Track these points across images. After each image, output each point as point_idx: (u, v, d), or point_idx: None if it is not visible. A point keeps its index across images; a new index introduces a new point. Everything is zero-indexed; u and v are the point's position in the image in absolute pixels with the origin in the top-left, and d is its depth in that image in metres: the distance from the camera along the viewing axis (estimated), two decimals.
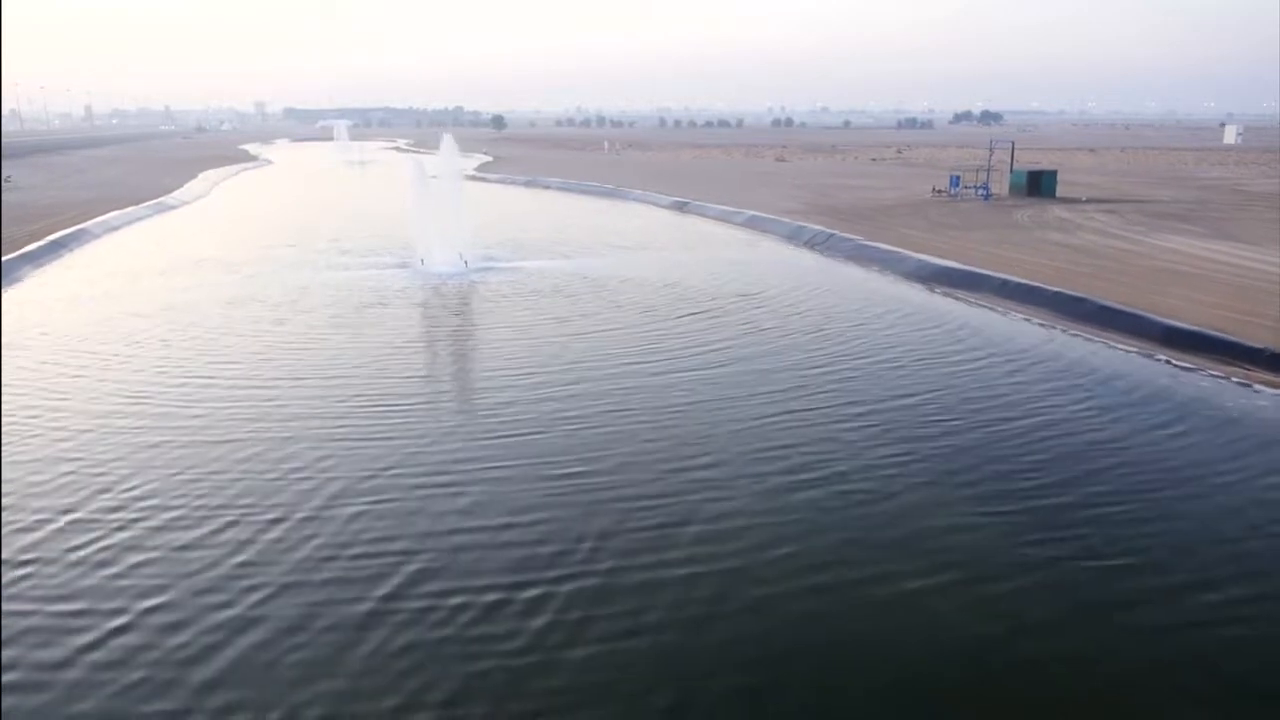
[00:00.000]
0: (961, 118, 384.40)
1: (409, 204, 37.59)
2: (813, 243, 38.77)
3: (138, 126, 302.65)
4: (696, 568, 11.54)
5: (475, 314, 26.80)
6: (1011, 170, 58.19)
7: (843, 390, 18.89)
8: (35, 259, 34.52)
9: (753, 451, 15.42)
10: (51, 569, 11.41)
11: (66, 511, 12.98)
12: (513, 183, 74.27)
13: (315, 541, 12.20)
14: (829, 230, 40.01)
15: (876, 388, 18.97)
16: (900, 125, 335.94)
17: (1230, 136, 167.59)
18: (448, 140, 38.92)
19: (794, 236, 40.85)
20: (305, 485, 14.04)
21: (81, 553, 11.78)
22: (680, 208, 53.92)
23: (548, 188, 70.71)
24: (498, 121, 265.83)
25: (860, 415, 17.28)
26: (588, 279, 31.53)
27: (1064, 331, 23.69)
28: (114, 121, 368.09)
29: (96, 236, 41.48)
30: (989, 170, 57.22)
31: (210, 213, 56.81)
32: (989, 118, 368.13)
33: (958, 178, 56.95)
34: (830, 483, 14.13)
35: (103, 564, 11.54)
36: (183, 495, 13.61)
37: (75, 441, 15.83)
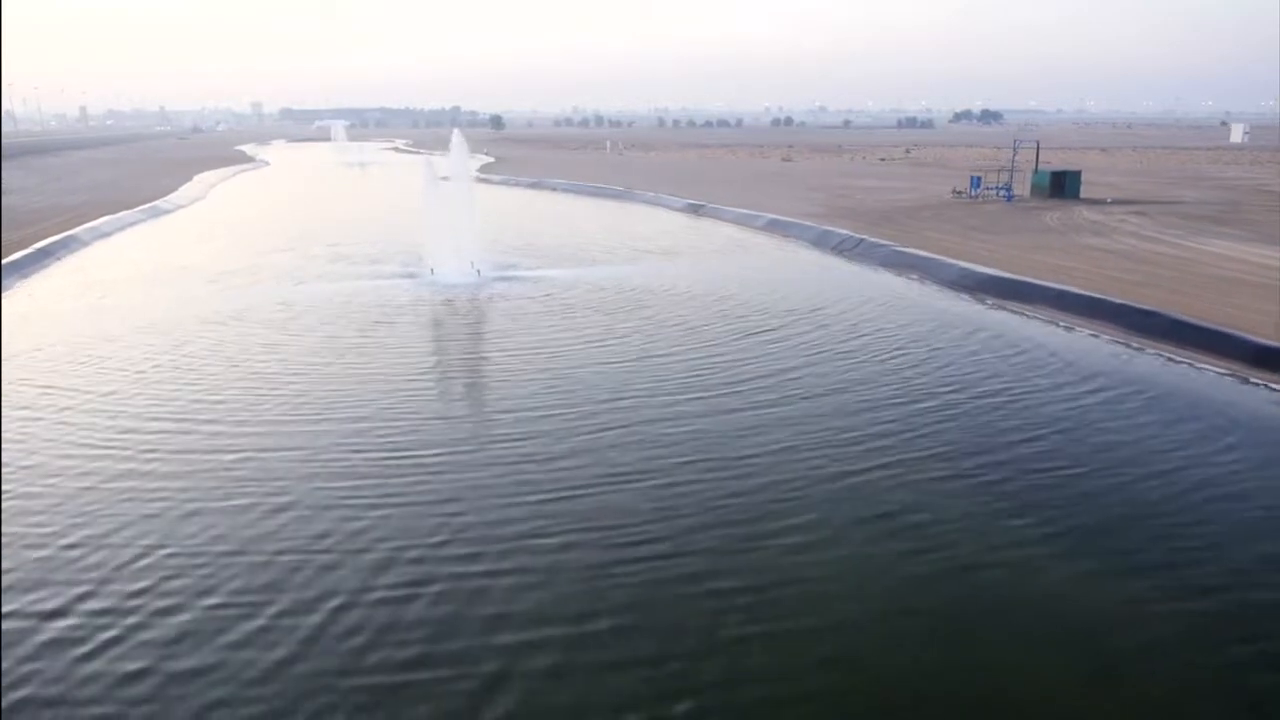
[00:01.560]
0: (961, 117, 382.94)
1: (419, 208, 35.68)
2: (842, 248, 36.90)
3: (133, 127, 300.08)
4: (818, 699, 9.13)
5: (497, 335, 24.12)
6: (1035, 170, 56.32)
7: (942, 434, 16.25)
8: (21, 268, 32.60)
9: (853, 521, 12.78)
10: None
11: None
12: (518, 184, 72.31)
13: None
14: (858, 235, 38.17)
15: (980, 431, 16.35)
16: (900, 125, 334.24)
17: (1237, 135, 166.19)
18: (458, 140, 36.76)
19: (820, 241, 38.96)
20: (300, 577, 11.20)
21: None
22: (695, 210, 52.04)
23: (555, 190, 68.77)
24: (496, 122, 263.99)
25: (974, 470, 14.60)
26: (617, 291, 29.29)
27: (1152, 353, 21.47)
28: (109, 122, 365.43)
29: (86, 243, 39.55)
30: (1012, 171, 55.47)
31: (206, 217, 54.83)
32: (989, 117, 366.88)
33: (978, 179, 55.18)
34: (954, 561, 11.68)
35: None
36: (129, 592, 10.88)
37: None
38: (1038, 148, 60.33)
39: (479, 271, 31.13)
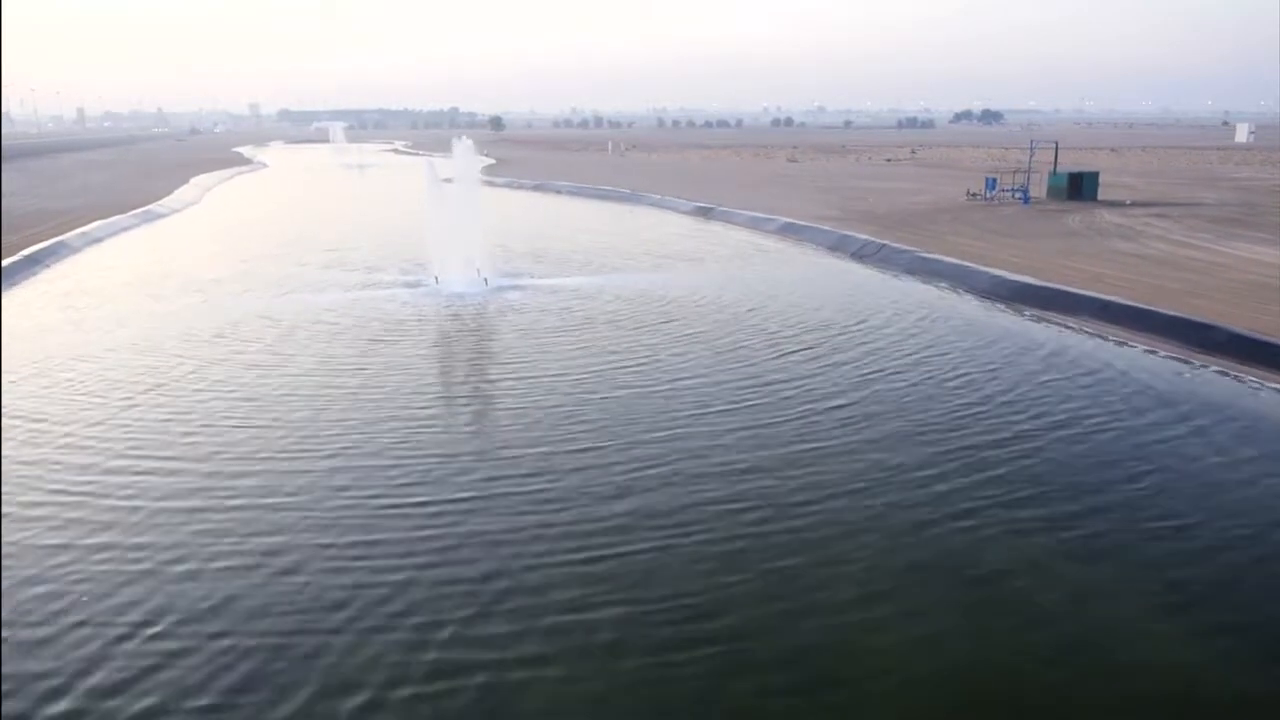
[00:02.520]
0: (962, 117, 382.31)
1: (422, 212, 34.12)
2: (862, 254, 35.43)
3: (130, 129, 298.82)
4: None
5: (511, 355, 22.01)
6: (1054, 172, 54.94)
7: (1026, 473, 14.25)
8: (7, 276, 31.16)
9: (941, 589, 10.96)
10: None
11: None
12: (521, 187, 70.73)
13: None
14: (878, 240, 36.73)
15: (1069, 469, 14.40)
16: (901, 125, 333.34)
17: (1242, 135, 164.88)
18: (465, 144, 35.09)
19: (839, 247, 37.46)
20: (314, 666, 9.47)
21: None
22: (704, 214, 50.55)
23: (559, 192, 67.20)
24: (495, 123, 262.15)
25: (1072, 519, 12.61)
26: (636, 301, 27.59)
27: (1215, 370, 19.86)
28: (106, 124, 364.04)
29: (76, 250, 38.06)
30: (1029, 172, 54.12)
31: (200, 222, 53.38)
32: (989, 117, 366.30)
33: (994, 180, 53.84)
34: (1078, 644, 9.80)
35: None
36: (105, 688, 9.18)
37: None
38: (1056, 149, 58.93)
39: (486, 280, 29.49)
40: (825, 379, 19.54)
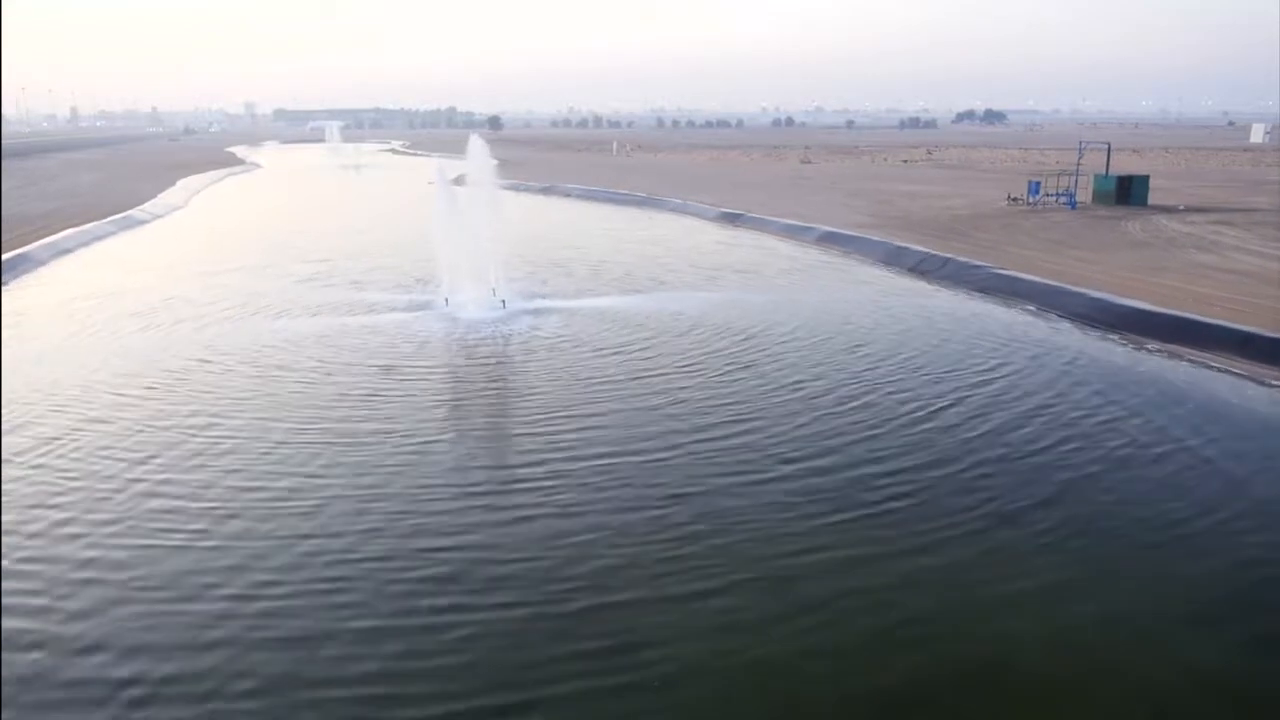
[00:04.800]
0: (964, 117, 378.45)
1: (425, 219, 30.03)
2: (923, 270, 31.59)
3: (124, 129, 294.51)
4: None
5: (548, 410, 17.18)
6: (1105, 174, 51.31)
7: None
8: None
9: None
10: None
11: None
12: (528, 189, 66.57)
13: None
14: (939, 253, 32.91)
15: None
16: (903, 125, 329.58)
17: (1257, 135, 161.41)
18: (476, 143, 30.66)
19: (894, 260, 33.51)
20: None
21: None
22: (732, 220, 46.65)
23: (569, 195, 63.11)
24: (494, 122, 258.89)
25: None
26: (695, 332, 22.95)
27: None
28: (100, 124, 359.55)
29: (41, 263, 34.22)
30: (1076, 175, 50.52)
31: (183, 229, 49.42)
32: (992, 117, 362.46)
33: (1037, 184, 50.26)
34: None
35: None
36: None
37: None
38: (1109, 150, 55.27)
39: (504, 302, 25.49)
40: (989, 474, 14.25)
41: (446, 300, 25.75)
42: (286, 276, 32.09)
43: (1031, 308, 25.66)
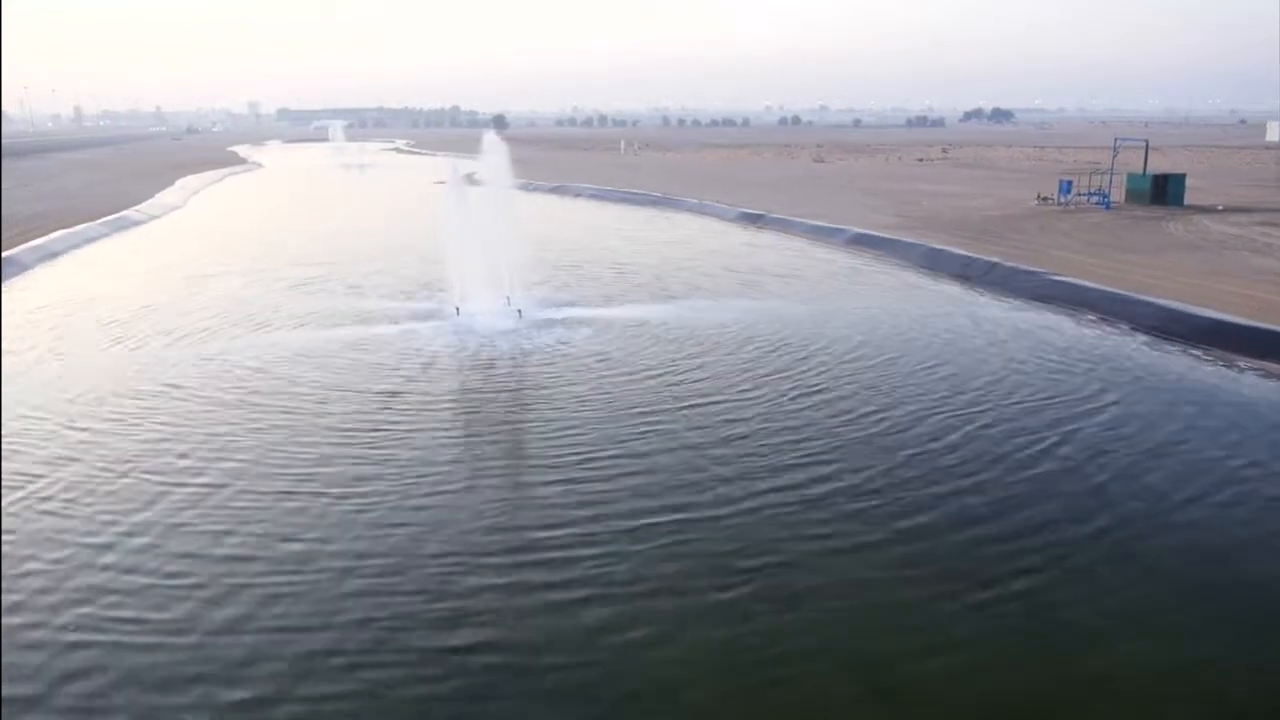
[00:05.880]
0: (972, 115, 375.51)
1: (440, 223, 27.56)
2: (968, 275, 29.41)
3: (127, 128, 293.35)
4: None
5: (579, 446, 14.90)
6: (1143, 173, 49.18)
7: None
8: None
9: None
10: None
11: None
12: (537, 189, 64.32)
13: None
14: (984, 257, 30.73)
15: None
16: (910, 124, 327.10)
17: (1274, 134, 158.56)
18: (492, 140, 28.24)
19: (933, 265, 31.33)
20: None
21: None
22: (754, 221, 44.57)
23: (580, 195, 60.99)
24: (498, 121, 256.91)
25: None
26: (742, 348, 20.55)
27: None
28: (103, 123, 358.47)
29: (26, 267, 32.32)
30: (1111, 175, 48.43)
31: (178, 231, 47.42)
32: (1000, 115, 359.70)
33: (1069, 183, 48.16)
34: None
35: None
36: None
37: None
38: (1147, 148, 53.11)
39: (520, 312, 23.38)
40: (1169, 527, 12.00)
41: (458, 309, 23.69)
42: (280, 281, 30.12)
43: (1093, 317, 23.55)
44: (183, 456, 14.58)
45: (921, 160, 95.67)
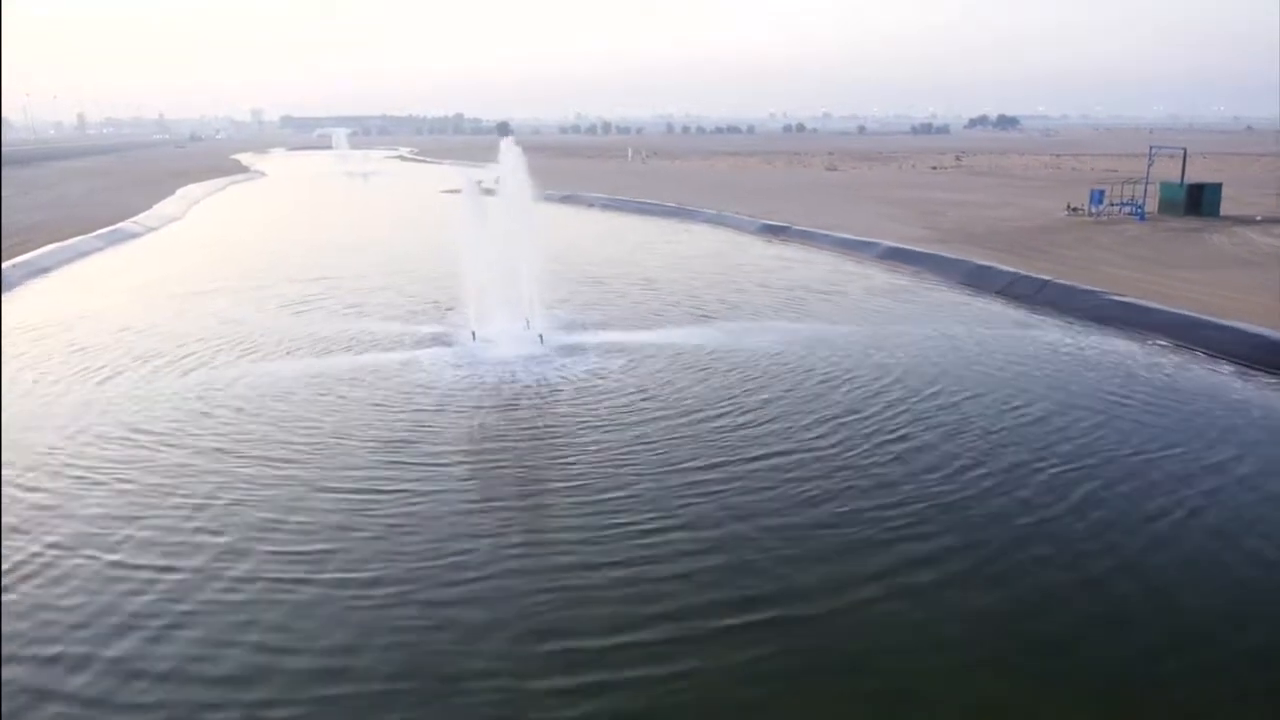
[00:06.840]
0: (976, 123, 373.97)
1: (455, 238, 25.61)
2: (1014, 293, 27.56)
3: (130, 136, 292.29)
4: None
5: (620, 523, 12.41)
6: (1180, 182, 47.39)
7: None
8: None
9: None
10: None
11: None
12: (548, 199, 62.41)
13: None
14: (1034, 274, 28.78)
15: None
16: (915, 131, 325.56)
17: None
18: (508, 146, 26.11)
19: (978, 282, 29.29)
20: None
21: None
22: (777, 233, 42.70)
23: (592, 205, 59.04)
24: (502, 128, 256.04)
25: None
26: (803, 383, 18.42)
27: None
28: (106, 130, 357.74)
29: (11, 285, 30.60)
30: (1146, 184, 46.65)
31: (176, 244, 45.66)
32: (1006, 122, 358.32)
33: (1100, 193, 46.39)
34: None
35: None
36: None
37: None
38: (1184, 155, 51.36)
39: (541, 336, 21.47)
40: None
41: (474, 334, 21.75)
42: (276, 299, 28.29)
43: (1164, 342, 21.70)
44: (126, 543, 11.82)
45: (935, 168, 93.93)
